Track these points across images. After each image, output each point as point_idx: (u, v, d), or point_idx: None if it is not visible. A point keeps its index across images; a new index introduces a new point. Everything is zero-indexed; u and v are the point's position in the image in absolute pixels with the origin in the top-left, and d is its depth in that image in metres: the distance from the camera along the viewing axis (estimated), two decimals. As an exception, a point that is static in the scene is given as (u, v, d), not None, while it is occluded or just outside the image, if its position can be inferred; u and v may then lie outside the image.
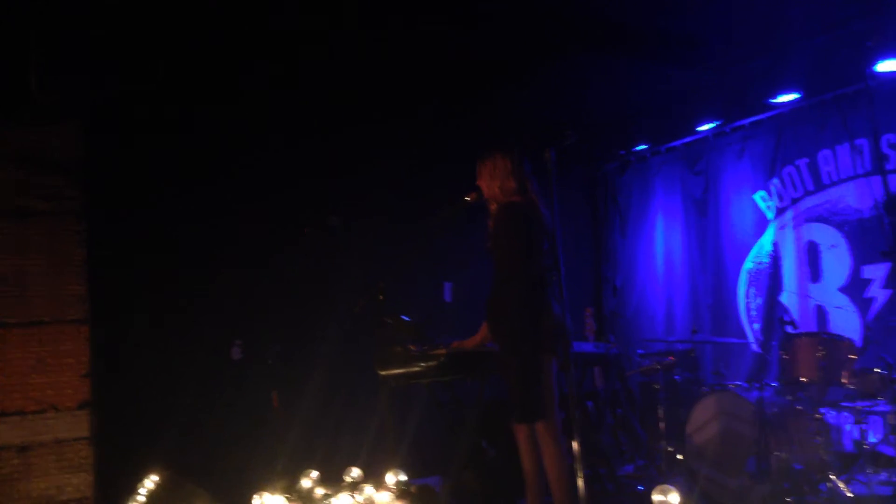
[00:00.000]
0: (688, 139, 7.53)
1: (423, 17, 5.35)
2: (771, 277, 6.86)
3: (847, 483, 4.83)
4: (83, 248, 5.63)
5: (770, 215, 6.92)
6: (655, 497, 3.58)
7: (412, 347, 4.69)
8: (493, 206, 4.31)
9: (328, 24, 5.33)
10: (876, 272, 6.08)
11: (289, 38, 5.47)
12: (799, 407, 5.13)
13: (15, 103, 4.96)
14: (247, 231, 6.09)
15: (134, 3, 4.72)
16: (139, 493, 5.17)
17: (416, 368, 4.62)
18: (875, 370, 4.98)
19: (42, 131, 5.54)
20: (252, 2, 5.01)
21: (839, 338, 5.09)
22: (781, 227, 6.84)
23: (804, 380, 4.98)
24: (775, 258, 6.86)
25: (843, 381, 4.93)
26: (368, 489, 4.64)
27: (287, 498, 4.82)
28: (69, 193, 5.63)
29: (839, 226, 6.41)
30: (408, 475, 4.75)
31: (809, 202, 6.64)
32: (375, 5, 5.13)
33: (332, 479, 5.06)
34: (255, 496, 4.68)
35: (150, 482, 5.21)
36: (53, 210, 5.58)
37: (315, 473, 5.01)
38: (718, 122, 7.10)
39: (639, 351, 6.74)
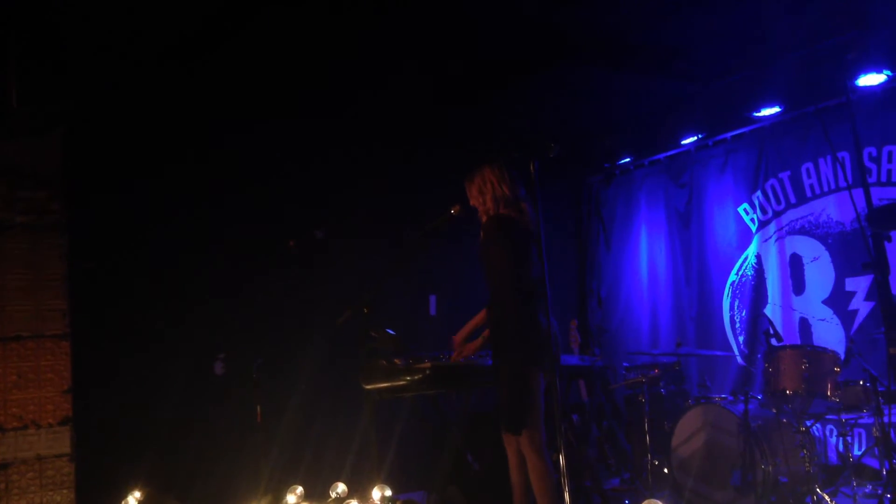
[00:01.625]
0: (671, 152, 7.56)
1: (405, 33, 5.36)
2: (755, 290, 6.89)
3: (832, 496, 4.84)
4: (64, 262, 5.57)
5: (754, 228, 6.95)
6: (641, 511, 3.57)
7: (397, 361, 4.67)
8: (484, 218, 4.31)
9: (318, 39, 5.33)
10: (859, 284, 6.11)
11: (275, 54, 5.46)
12: (784, 419, 5.14)
13: (-6, 116, 4.93)
14: (231, 244, 6.05)
15: (114, 15, 4.70)
16: (121, 510, 5.11)
17: (401, 382, 4.59)
18: (859, 382, 5.00)
19: (23, 144, 5.48)
20: (236, 18, 5.00)
21: (823, 350, 5.11)
22: (765, 240, 6.87)
23: (789, 392, 4.99)
24: (759, 270, 6.89)
25: (827, 393, 4.94)
26: (353, 504, 4.60)
27: (271, 514, 4.79)
28: (50, 206, 5.58)
29: (822, 238, 6.44)
30: (393, 490, 4.71)
31: (792, 215, 6.67)
32: (363, 18, 5.13)
33: (317, 495, 5.01)
34: (238, 512, 4.63)
35: (133, 499, 5.15)
36: (34, 223, 5.52)
37: (300, 489, 4.96)
38: (701, 136, 7.13)
39: (624, 364, 6.74)
